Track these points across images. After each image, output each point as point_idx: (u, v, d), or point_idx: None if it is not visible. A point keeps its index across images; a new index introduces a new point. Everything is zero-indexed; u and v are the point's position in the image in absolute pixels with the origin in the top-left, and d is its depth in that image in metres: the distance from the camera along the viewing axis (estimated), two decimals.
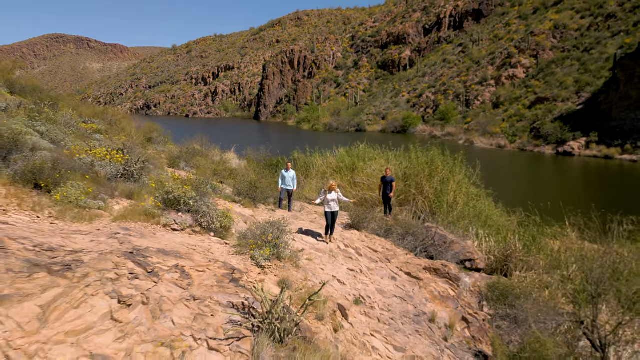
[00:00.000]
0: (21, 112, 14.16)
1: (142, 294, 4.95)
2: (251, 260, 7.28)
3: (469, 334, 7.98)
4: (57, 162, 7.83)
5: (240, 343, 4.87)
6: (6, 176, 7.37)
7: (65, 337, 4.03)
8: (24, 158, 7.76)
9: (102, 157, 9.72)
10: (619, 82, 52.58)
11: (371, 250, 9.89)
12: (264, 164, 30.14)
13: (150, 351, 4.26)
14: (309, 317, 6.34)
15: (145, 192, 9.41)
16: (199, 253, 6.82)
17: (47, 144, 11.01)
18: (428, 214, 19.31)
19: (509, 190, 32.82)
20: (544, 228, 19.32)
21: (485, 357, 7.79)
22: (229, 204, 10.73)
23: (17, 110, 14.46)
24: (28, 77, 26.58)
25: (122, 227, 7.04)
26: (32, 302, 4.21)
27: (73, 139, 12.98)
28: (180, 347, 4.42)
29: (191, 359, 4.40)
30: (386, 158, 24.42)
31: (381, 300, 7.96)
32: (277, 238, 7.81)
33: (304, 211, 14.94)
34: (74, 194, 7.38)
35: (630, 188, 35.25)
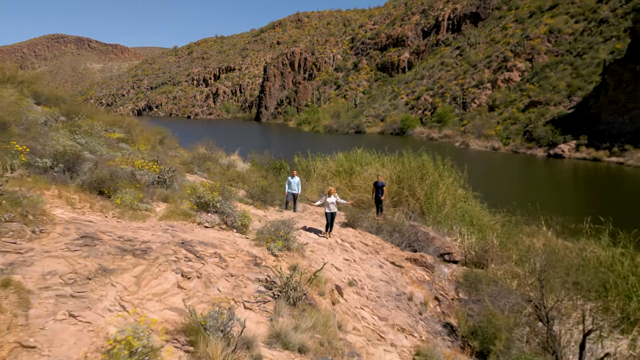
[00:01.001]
0: (59, 126, 16.21)
1: (196, 271, 7.00)
2: (267, 250, 9.33)
3: (439, 309, 10.04)
4: (114, 174, 9.88)
5: (266, 305, 6.92)
6: (76, 185, 9.42)
7: (153, 296, 6.07)
8: (90, 170, 9.81)
9: (140, 167, 11.76)
10: (608, 86, 54.66)
11: (363, 244, 11.95)
12: (268, 167, 32.23)
13: (206, 308, 6.29)
14: (312, 293, 8.38)
15: (177, 196, 11.45)
16: (228, 244, 8.87)
17: (90, 155, 13.09)
18: (418, 214, 21.43)
19: (497, 192, 34.83)
20: (522, 227, 21.50)
21: (451, 327, 9.86)
22: (245, 206, 12.79)
23: (56, 124, 16.52)
24: (51, 88, 28.68)
25: (168, 224, 9.09)
26: (128, 274, 6.25)
27: (106, 150, 15.07)
28: (226, 306, 6.46)
29: (231, 316, 6.43)
30: (381, 162, 26.50)
31: (370, 283, 10.02)
32: (287, 233, 9.86)
33: (307, 212, 16.98)
34: (128, 198, 9.43)
35: (613, 190, 37.31)
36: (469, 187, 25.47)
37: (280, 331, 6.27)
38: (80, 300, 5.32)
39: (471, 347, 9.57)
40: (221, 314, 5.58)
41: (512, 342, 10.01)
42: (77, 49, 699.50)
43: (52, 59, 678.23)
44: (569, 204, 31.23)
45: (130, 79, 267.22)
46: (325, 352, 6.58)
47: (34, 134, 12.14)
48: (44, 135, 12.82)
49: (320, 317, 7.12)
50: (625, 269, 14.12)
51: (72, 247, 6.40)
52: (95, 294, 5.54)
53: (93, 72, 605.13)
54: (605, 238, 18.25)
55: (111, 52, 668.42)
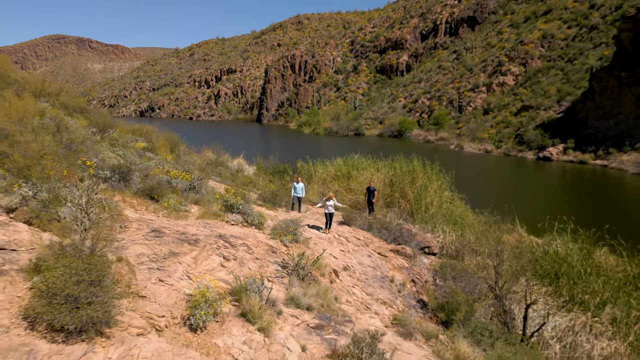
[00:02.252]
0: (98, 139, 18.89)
1: (232, 255, 9.72)
2: (280, 242, 12.05)
3: (414, 289, 12.78)
4: (160, 182, 12.61)
5: (282, 279, 9.65)
6: (131, 191, 12.14)
7: (206, 271, 8.79)
8: (142, 179, 12.54)
9: (175, 176, 14.48)
10: (594, 92, 57.41)
11: (356, 238, 14.69)
12: (273, 170, 35.00)
13: (237, 280, 9.01)
14: (316, 273, 11.09)
15: (205, 200, 14.17)
16: (251, 237, 11.59)
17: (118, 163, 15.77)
18: (408, 214, 24.18)
19: (485, 192, 37.52)
20: (499, 225, 24.30)
21: (423, 302, 12.59)
22: (259, 207, 15.52)
23: (95, 137, 19.22)
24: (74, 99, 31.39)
25: (205, 222, 11.83)
26: (188, 256, 8.96)
27: (139, 159, 17.80)
28: (258, 277, 9.18)
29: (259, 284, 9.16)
30: (376, 167, 29.25)
31: (360, 268, 12.76)
32: (295, 229, 12.58)
33: (309, 212, 19.71)
34: (172, 202, 12.16)
35: (593, 192, 40.03)
36: (455, 190, 28.29)
37: (293, 296, 8.99)
38: (162, 271, 8.06)
39: (438, 317, 12.30)
40: (255, 282, 8.31)
41: (472, 315, 12.73)
42: (78, 50, 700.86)
43: (53, 59, 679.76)
44: (549, 205, 33.90)
45: (133, 80, 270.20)
46: (325, 312, 9.30)
47: (86, 148, 14.85)
48: (93, 149, 15.54)
49: (321, 289, 9.85)
50: (575, 260, 16.88)
51: (148, 237, 9.15)
52: (170, 268, 8.28)
53: (94, 72, 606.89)
54: (567, 235, 21.11)
55: (112, 52, 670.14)
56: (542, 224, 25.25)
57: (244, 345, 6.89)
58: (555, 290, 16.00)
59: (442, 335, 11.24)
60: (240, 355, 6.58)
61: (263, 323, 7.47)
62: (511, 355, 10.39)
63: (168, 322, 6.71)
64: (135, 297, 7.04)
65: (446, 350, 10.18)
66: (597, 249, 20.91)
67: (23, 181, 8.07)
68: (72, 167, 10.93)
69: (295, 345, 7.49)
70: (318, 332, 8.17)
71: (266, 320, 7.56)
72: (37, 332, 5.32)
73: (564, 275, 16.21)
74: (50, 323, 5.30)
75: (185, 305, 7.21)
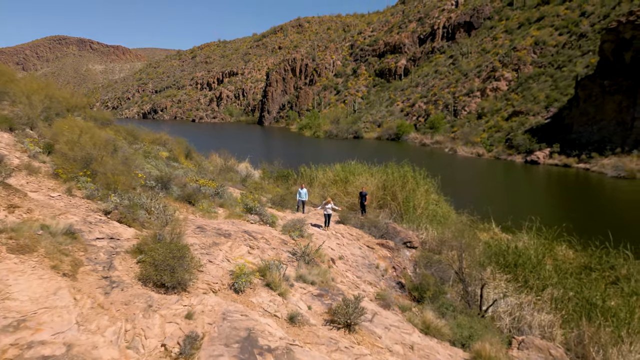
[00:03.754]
0: (132, 151, 22.27)
1: (256, 245, 13.14)
2: (290, 236, 15.47)
3: (395, 274, 16.22)
4: (195, 190, 16.05)
5: (293, 263, 13.07)
6: (173, 197, 15.56)
7: (239, 256, 12.21)
8: (181, 187, 15.97)
9: (204, 184, 17.90)
10: (579, 99, 60.85)
11: (349, 234, 18.13)
12: (277, 175, 38.47)
13: (262, 261, 12.43)
14: (317, 260, 14.50)
15: (228, 203, 17.59)
16: (267, 233, 15.01)
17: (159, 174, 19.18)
18: (398, 215, 27.62)
19: (471, 193, 40.91)
20: (478, 224, 27.80)
21: (402, 284, 16.02)
22: (270, 209, 18.96)
23: (130, 148, 22.61)
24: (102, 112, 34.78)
25: (231, 221, 15.26)
26: (225, 245, 12.37)
27: (168, 169, 21.21)
28: (276, 260, 12.60)
29: (278, 264, 12.59)
30: (371, 173, 32.68)
31: (352, 257, 16.21)
32: (301, 227, 16.00)
33: (311, 213, 23.13)
34: (205, 206, 15.59)
35: (572, 192, 43.44)
36: (441, 192, 31.78)
37: (301, 274, 12.41)
38: (210, 255, 11.50)
39: (413, 296, 15.72)
40: (274, 263, 11.74)
41: (442, 295, 16.12)
42: (79, 50, 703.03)
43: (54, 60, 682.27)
44: (527, 206, 37.28)
45: (135, 82, 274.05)
46: (324, 287, 12.70)
47: (132, 162, 18.27)
48: (135, 162, 18.95)
49: (321, 271, 13.26)
50: (531, 253, 20.35)
51: (195, 232, 12.58)
52: (214, 253, 11.71)
53: (95, 73, 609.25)
54: (532, 233, 24.63)
55: (113, 53, 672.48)
56: (515, 223, 28.94)
57: (270, 303, 10.30)
58: (514, 277, 19.48)
59: (415, 308, 14.67)
60: (268, 308, 10.00)
61: (281, 290, 10.89)
62: (466, 323, 13.86)
63: (220, 287, 10.13)
64: (196, 272, 10.45)
65: (416, 317, 13.62)
66: (558, 244, 24.51)
67: (112, 192, 11.51)
68: (132, 180, 14.35)
69: (303, 305, 10.91)
70: (319, 299, 11.60)
71: (283, 289, 10.98)
72: (148, 287, 8.72)
73: (521, 265, 19.68)
74: (156, 282, 8.70)
75: (229, 277, 10.62)
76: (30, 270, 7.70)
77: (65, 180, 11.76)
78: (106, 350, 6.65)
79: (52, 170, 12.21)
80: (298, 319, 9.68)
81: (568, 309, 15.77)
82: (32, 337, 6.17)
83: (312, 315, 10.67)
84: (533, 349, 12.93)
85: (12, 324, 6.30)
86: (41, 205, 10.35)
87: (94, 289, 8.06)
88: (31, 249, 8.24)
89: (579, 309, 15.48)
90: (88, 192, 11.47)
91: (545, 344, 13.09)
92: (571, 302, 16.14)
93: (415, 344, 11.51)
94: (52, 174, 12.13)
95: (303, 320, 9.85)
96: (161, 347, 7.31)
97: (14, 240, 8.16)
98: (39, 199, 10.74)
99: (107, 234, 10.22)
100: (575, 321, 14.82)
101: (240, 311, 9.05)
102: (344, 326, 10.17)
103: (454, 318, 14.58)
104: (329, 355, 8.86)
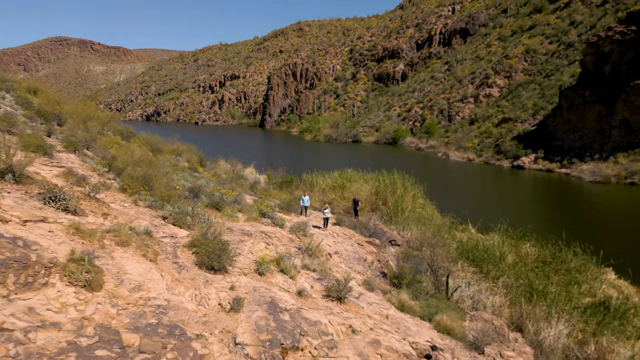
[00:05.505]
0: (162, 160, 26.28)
1: (271, 242, 17.26)
2: (296, 235, 19.59)
3: (379, 265, 20.37)
4: (220, 198, 20.18)
5: (299, 255, 17.20)
6: (205, 204, 19.67)
7: (259, 250, 16.33)
8: (208, 196, 20.08)
9: (225, 193, 22.01)
10: (562, 108, 65.01)
11: (344, 234, 22.26)
12: (281, 181, 42.60)
13: (277, 254, 16.55)
14: (318, 253, 18.62)
15: (245, 209, 21.69)
16: (278, 233, 19.13)
17: (185, 183, 23.31)
18: (388, 217, 31.75)
19: (456, 197, 45.07)
20: (457, 225, 31.94)
21: (384, 273, 20.17)
22: (279, 213, 23.08)
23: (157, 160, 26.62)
24: (127, 127, 38.66)
25: (250, 224, 19.38)
26: (248, 242, 16.48)
27: (192, 179, 25.32)
28: (287, 253, 16.72)
29: (289, 256, 16.72)
30: (365, 180, 36.83)
31: (345, 252, 20.36)
32: (305, 228, 20.12)
33: (312, 216, 27.26)
34: (229, 211, 19.71)
35: (550, 196, 47.59)
36: (427, 197, 35.94)
37: (305, 264, 16.53)
38: (238, 249, 15.63)
39: (394, 282, 19.84)
40: (286, 255, 15.87)
41: (418, 283, 20.22)
42: (80, 51, 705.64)
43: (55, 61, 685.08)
44: (505, 207, 41.43)
45: (138, 85, 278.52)
46: (323, 273, 16.82)
47: (169, 175, 22.36)
48: (171, 175, 23.02)
49: (321, 262, 17.38)
50: (495, 250, 24.48)
51: (225, 232, 16.71)
52: (241, 248, 15.85)
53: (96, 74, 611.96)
54: (501, 233, 28.74)
55: (114, 54, 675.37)
56: (491, 224, 33.10)
57: (284, 282, 14.41)
58: (479, 269, 23.63)
59: (394, 292, 18.80)
60: (283, 285, 14.11)
61: (291, 274, 15.01)
62: (434, 303, 18.03)
63: (248, 271, 14.26)
64: (233, 261, 14.56)
65: (393, 298, 17.76)
66: (523, 242, 28.70)
67: (166, 202, 15.63)
68: (174, 191, 18.48)
69: (307, 285, 15.03)
70: (319, 281, 15.73)
71: (293, 273, 15.10)
72: (203, 269, 12.81)
73: (485, 260, 23.83)
74: (207, 266, 12.80)
75: (254, 265, 14.73)
76: (131, 257, 11.86)
77: (131, 193, 15.89)
78: (188, 305, 10.79)
79: (120, 186, 16.36)
80: (304, 293, 13.82)
81: (516, 293, 19.89)
82: (147, 295, 10.29)
83: (314, 292, 14.80)
84: (480, 321, 17.08)
85: (134, 287, 10.41)
86: (120, 213, 14.50)
87: (170, 269, 12.21)
88: (127, 243, 12.39)
89: (524, 293, 19.61)
90: (148, 203, 15.61)
91: (490, 317, 17.25)
92: (519, 288, 20.27)
93: (390, 315, 15.67)
94: (120, 189, 16.27)
95: (307, 294, 14.00)
96: (218, 305, 11.45)
97: (117, 237, 12.31)
98: (117, 208, 14.86)
99: (168, 233, 14.36)
100: (519, 302, 18.95)
101: (264, 287, 13.18)
102: (337, 299, 14.32)
103: (425, 300, 18.74)
104: (326, 316, 12.99)
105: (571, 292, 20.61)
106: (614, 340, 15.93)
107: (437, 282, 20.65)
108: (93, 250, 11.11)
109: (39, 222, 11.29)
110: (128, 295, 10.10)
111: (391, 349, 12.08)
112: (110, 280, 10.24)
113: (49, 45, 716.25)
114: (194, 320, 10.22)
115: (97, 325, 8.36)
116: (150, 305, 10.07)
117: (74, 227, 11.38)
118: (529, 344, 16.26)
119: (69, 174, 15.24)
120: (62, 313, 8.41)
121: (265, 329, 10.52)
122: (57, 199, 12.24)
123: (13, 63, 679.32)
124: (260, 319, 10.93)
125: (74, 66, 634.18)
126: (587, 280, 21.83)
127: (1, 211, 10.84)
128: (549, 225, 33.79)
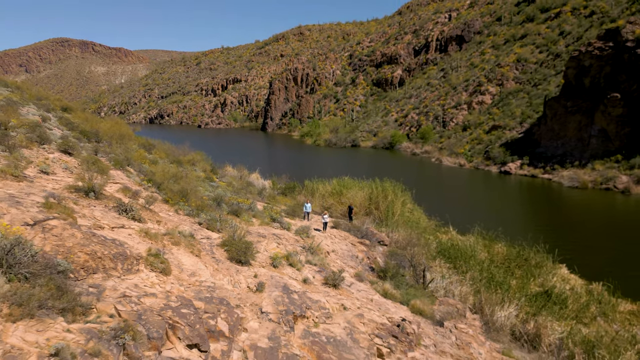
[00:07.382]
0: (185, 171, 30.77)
1: (281, 242, 21.75)
2: (300, 237, 24.08)
3: (369, 261, 24.91)
4: (238, 207, 24.68)
5: (303, 253, 21.72)
6: (227, 211, 24.15)
7: (271, 249, 20.81)
8: (229, 205, 24.58)
9: (242, 201, 26.48)
10: (547, 117, 69.52)
11: (340, 236, 26.78)
12: (285, 187, 47.10)
13: (286, 251, 21.02)
14: (318, 252, 23.10)
15: (258, 215, 26.17)
16: (286, 234, 23.60)
17: (209, 194, 27.82)
18: (380, 221, 36.26)
19: (444, 200, 49.52)
20: (441, 227, 36.49)
21: (372, 268, 24.69)
22: (286, 218, 27.59)
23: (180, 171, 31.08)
24: (148, 139, 43.17)
25: (263, 227, 23.89)
26: (264, 242, 20.95)
27: (210, 188, 29.82)
28: (294, 251, 21.21)
29: (295, 253, 21.21)
30: (360, 187, 41.34)
31: (341, 251, 24.89)
32: (307, 230, 24.62)
33: (313, 220, 31.78)
34: (246, 217, 24.21)
35: (530, 199, 52.08)
36: (415, 202, 40.45)
37: (308, 260, 21.02)
38: (258, 246, 20.16)
39: (380, 275, 24.32)
40: (294, 252, 20.37)
41: (401, 276, 24.70)
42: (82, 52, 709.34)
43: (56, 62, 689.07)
44: (488, 210, 45.92)
45: (142, 87, 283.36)
46: (323, 267, 21.29)
47: (196, 188, 26.82)
48: (197, 187, 27.49)
49: (320, 258, 21.86)
50: (468, 249, 28.95)
51: (246, 235, 21.21)
52: (259, 247, 20.36)
53: (97, 75, 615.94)
54: (476, 235, 33.18)
55: (115, 55, 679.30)
56: (469, 226, 37.59)
57: (292, 273, 18.87)
58: (454, 266, 28.11)
59: (379, 282, 23.29)
60: (292, 275, 18.59)
61: (298, 267, 19.49)
62: (412, 292, 22.50)
63: (265, 264, 18.74)
64: (257, 254, 19.04)
65: (378, 287, 22.23)
66: (496, 242, 33.18)
67: (200, 211, 20.12)
68: (202, 201, 22.96)
69: (310, 275, 19.51)
70: (319, 273, 20.22)
71: (299, 267, 19.58)
72: (233, 263, 17.28)
73: (458, 257, 28.31)
74: (237, 260, 17.27)
75: (269, 260, 19.19)
76: (183, 253, 16.36)
77: (172, 204, 20.39)
78: (227, 287, 15.27)
79: (162, 198, 20.85)
80: (308, 281, 18.31)
81: (479, 285, 24.38)
82: (200, 279, 14.78)
83: (315, 280, 19.29)
84: (446, 305, 21.57)
85: (190, 274, 14.90)
86: (167, 220, 19.00)
87: (210, 262, 16.71)
88: (179, 243, 16.89)
89: (485, 284, 24.10)
90: (187, 212, 20.11)
91: (454, 302, 21.75)
92: (482, 280, 24.76)
93: (374, 299, 20.18)
94: (163, 200, 20.77)
95: (310, 282, 18.49)
96: (247, 287, 15.94)
97: (171, 239, 16.79)
98: (165, 216, 19.35)
99: (204, 235, 18.86)
100: (481, 291, 23.44)
101: (278, 276, 17.68)
102: (333, 286, 18.83)
103: (405, 289, 23.21)
104: (324, 297, 17.47)
105: (526, 284, 25.12)
106: (550, 320, 20.42)
107: (417, 276, 25.13)
108: (159, 248, 15.61)
109: (120, 228, 15.83)
110: (188, 279, 14.61)
111: (372, 320, 16.61)
112: (174, 269, 14.76)
113: (50, 46, 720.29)
114: (232, 296, 14.73)
115: (176, 295, 12.84)
116: (203, 285, 14.56)
117: (143, 231, 15.88)
118: (484, 322, 20.78)
119: (126, 189, 19.75)
120: (153, 288, 12.90)
121: (281, 303, 15.05)
122: (127, 210, 16.75)
123: (15, 64, 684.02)
124: (278, 296, 15.44)
125: (75, 67, 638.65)
126: (542, 274, 26.32)
127: (96, 220, 15.40)
128: (523, 227, 38.26)
